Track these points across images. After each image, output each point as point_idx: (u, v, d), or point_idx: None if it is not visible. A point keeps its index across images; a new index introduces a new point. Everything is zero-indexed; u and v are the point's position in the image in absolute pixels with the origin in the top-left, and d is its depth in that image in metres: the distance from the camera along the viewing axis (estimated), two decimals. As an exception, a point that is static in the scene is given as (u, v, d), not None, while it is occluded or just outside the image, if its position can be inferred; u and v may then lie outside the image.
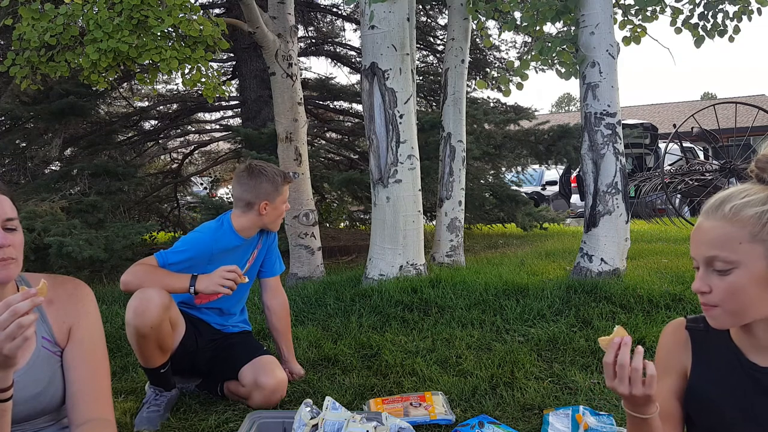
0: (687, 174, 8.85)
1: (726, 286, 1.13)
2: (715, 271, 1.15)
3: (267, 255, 2.66)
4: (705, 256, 1.15)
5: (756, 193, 1.15)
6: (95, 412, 1.42)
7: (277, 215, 2.52)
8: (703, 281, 1.16)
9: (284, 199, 2.53)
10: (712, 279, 1.15)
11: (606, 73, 3.80)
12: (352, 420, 1.80)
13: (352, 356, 2.92)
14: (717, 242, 1.14)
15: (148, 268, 2.29)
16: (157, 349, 2.26)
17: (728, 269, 1.13)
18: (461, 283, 3.81)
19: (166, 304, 2.21)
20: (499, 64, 8.65)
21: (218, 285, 2.21)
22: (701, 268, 1.17)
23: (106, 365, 1.51)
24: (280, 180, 2.48)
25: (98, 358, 1.49)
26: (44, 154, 6.61)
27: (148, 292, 2.19)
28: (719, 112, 9.41)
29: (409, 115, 4.11)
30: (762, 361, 1.21)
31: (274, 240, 2.68)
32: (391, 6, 3.98)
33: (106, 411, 1.45)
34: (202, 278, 2.23)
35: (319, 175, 6.46)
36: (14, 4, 3.97)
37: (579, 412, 2.14)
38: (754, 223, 1.12)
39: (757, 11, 4.52)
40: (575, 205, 11.73)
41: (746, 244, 1.12)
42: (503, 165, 7.70)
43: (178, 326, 2.39)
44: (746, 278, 1.12)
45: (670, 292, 3.46)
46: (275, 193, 2.47)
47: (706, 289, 1.16)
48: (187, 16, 3.97)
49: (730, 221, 1.13)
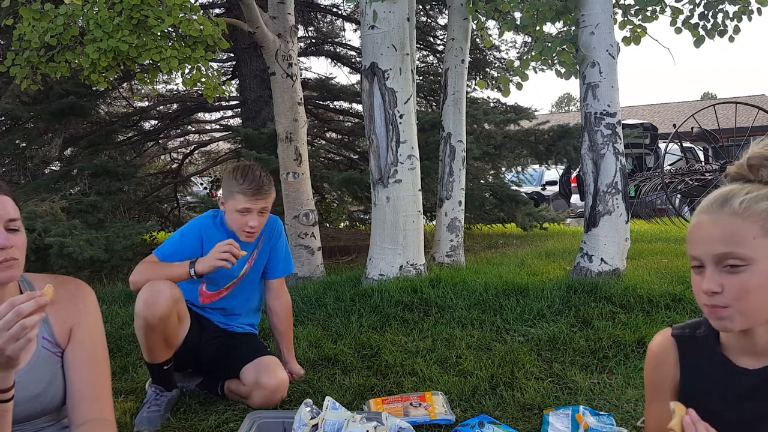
0: (687, 174, 8.86)
1: (739, 283, 1.07)
2: (726, 269, 1.08)
3: (271, 256, 2.64)
4: (715, 254, 1.08)
5: (756, 189, 1.11)
6: (95, 412, 1.43)
7: (233, 219, 2.41)
8: (714, 280, 1.08)
9: (237, 206, 2.37)
10: (723, 278, 1.08)
11: (606, 73, 3.80)
12: (352, 420, 1.80)
13: (352, 356, 2.92)
14: (729, 238, 1.07)
15: (150, 264, 2.36)
16: (162, 343, 2.28)
17: (742, 266, 1.07)
18: (461, 283, 3.81)
19: (176, 296, 2.25)
20: (499, 64, 8.66)
21: (216, 260, 2.24)
22: (709, 266, 1.10)
23: (106, 365, 1.51)
24: (236, 184, 2.37)
25: (99, 358, 1.49)
26: (44, 154, 6.61)
27: (158, 284, 2.22)
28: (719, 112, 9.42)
29: (409, 115, 4.11)
30: (752, 364, 1.17)
31: (278, 242, 2.65)
32: (391, 6, 3.98)
33: (106, 411, 1.45)
34: (200, 260, 2.28)
35: (319, 175, 6.46)
36: (15, 5, 3.97)
37: (579, 412, 2.14)
38: (766, 218, 1.07)
39: (757, 11, 4.52)
40: (575, 205, 11.74)
41: (760, 239, 1.06)
42: (503, 165, 7.70)
43: (184, 321, 2.41)
44: (762, 275, 1.06)
45: (670, 292, 3.46)
46: (229, 195, 2.41)
47: (718, 289, 1.08)
48: (187, 16, 3.98)
49: (742, 216, 1.07)
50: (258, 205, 2.39)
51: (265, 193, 2.41)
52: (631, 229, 4.27)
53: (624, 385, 2.51)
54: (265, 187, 2.41)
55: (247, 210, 2.39)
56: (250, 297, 2.66)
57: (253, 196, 2.38)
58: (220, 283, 2.55)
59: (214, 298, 2.57)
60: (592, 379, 2.58)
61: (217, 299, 2.58)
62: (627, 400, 2.36)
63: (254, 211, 2.39)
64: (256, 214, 2.40)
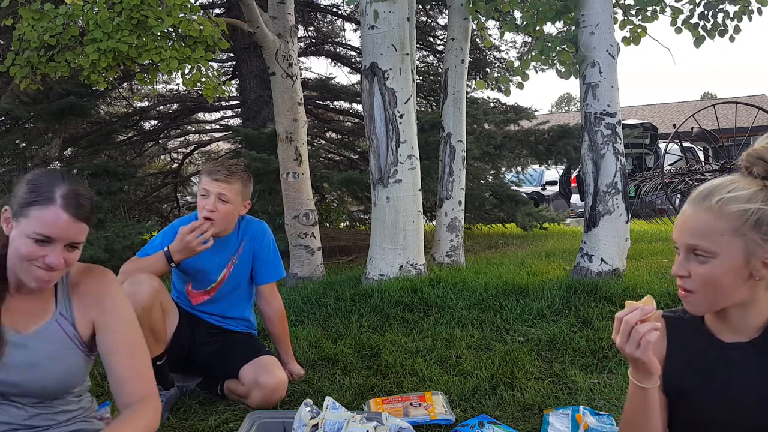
0: (687, 174, 8.86)
1: (704, 272, 1.19)
2: (695, 259, 1.20)
3: (257, 262, 2.61)
4: (687, 243, 1.21)
5: (743, 187, 1.18)
6: (139, 391, 1.50)
7: (197, 204, 2.46)
8: (683, 266, 1.22)
9: (201, 188, 2.43)
10: (691, 265, 1.21)
11: (606, 73, 3.80)
12: (352, 420, 1.80)
13: (352, 356, 2.92)
14: (700, 232, 1.19)
15: (130, 262, 2.44)
16: (150, 336, 2.26)
17: (707, 258, 1.18)
18: (461, 283, 3.81)
19: (156, 287, 2.29)
20: (499, 64, 8.66)
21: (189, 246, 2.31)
22: (682, 253, 1.22)
23: (142, 343, 1.57)
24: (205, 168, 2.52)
25: (134, 340, 1.55)
26: (44, 154, 6.61)
27: (138, 276, 2.28)
28: (719, 112, 9.42)
29: (409, 115, 4.11)
30: (732, 338, 1.26)
31: (262, 247, 2.61)
32: (391, 6, 3.98)
33: (148, 387, 1.53)
34: (173, 249, 2.35)
35: (319, 175, 6.46)
36: (14, 5, 3.97)
37: (579, 412, 2.14)
38: (737, 218, 1.16)
39: (757, 11, 4.52)
40: (575, 205, 11.73)
41: (728, 236, 1.17)
42: (503, 165, 7.71)
43: (171, 314, 2.43)
44: (723, 268, 1.18)
45: (670, 292, 3.46)
46: (198, 180, 2.51)
47: (684, 274, 1.22)
48: (187, 16, 3.97)
49: (716, 214, 1.18)
50: (216, 187, 2.39)
51: (225, 178, 2.40)
52: (631, 229, 4.27)
53: (624, 385, 2.51)
54: (228, 172, 2.42)
55: (206, 192, 2.41)
56: (239, 300, 2.65)
57: (211, 176, 2.40)
58: (202, 280, 2.56)
59: (201, 298, 2.58)
60: (592, 379, 2.58)
61: (206, 300, 2.59)
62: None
63: (212, 194, 2.39)
64: (214, 198, 2.40)
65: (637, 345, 1.18)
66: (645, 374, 1.22)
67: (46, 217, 1.36)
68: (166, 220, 7.93)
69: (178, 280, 2.63)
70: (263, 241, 2.62)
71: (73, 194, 1.39)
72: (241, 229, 2.59)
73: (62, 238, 1.38)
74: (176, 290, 2.64)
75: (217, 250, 2.46)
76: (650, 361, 1.20)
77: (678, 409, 1.30)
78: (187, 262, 2.41)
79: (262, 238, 2.62)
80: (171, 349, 2.41)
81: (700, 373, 1.28)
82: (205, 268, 2.53)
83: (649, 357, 1.19)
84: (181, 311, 2.51)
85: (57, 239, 1.38)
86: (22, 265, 1.38)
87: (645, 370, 1.21)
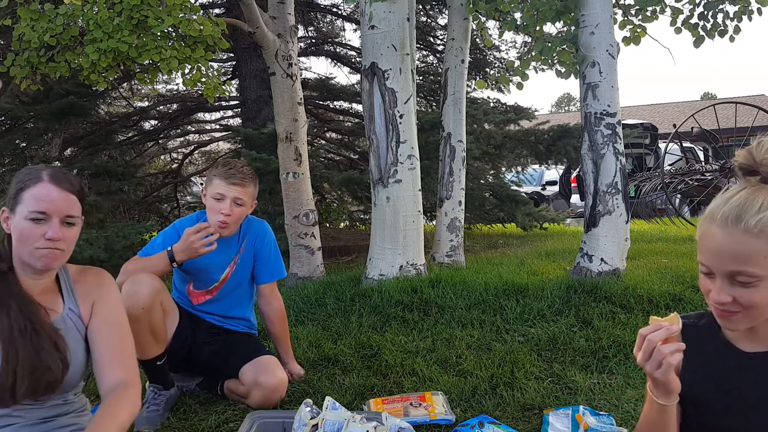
0: (687, 174, 8.85)
1: (749, 296, 1.13)
2: (738, 283, 1.14)
3: (258, 261, 2.62)
4: (728, 270, 1.14)
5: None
6: (121, 374, 1.54)
7: (209, 208, 2.44)
8: (725, 292, 1.15)
9: (213, 191, 2.41)
10: (735, 290, 1.14)
11: (606, 73, 3.80)
12: (352, 420, 1.80)
13: (352, 356, 2.92)
14: (743, 257, 1.12)
15: (131, 261, 2.43)
16: (150, 336, 2.28)
17: (753, 282, 1.12)
18: (461, 283, 3.81)
19: (156, 287, 2.28)
20: (499, 64, 8.66)
21: (193, 247, 2.31)
22: (721, 280, 1.15)
23: (129, 332, 1.63)
24: (215, 170, 2.45)
25: (121, 326, 1.62)
26: (44, 154, 6.60)
27: (138, 276, 2.28)
28: (719, 112, 9.42)
29: (409, 115, 4.11)
30: (752, 348, 1.23)
31: (264, 246, 2.61)
32: (391, 6, 3.98)
33: (131, 372, 1.57)
34: (176, 249, 2.34)
35: (319, 175, 6.46)
36: (13, 5, 3.97)
37: (579, 412, 2.14)
38: None
39: (757, 11, 4.52)
40: (575, 205, 11.73)
41: None
42: (503, 165, 7.71)
43: (171, 314, 2.43)
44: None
45: (670, 292, 3.46)
46: (208, 182, 2.47)
47: (728, 300, 1.15)
48: (187, 16, 3.98)
49: (756, 236, 1.11)
50: (232, 191, 2.39)
51: (240, 181, 2.41)
52: (631, 229, 4.27)
53: (624, 385, 2.51)
54: (242, 176, 2.42)
55: (221, 196, 2.40)
56: (240, 300, 2.65)
57: (227, 180, 2.39)
58: (204, 279, 2.56)
59: (202, 298, 2.58)
60: (592, 379, 2.58)
61: (207, 300, 2.58)
62: (627, 400, 2.36)
63: (228, 198, 2.39)
64: (230, 202, 2.40)
65: (658, 365, 1.15)
66: (664, 392, 1.19)
67: (38, 193, 1.45)
68: (166, 220, 7.93)
69: (179, 279, 2.63)
70: (264, 241, 2.62)
71: (59, 171, 1.50)
72: (243, 229, 2.58)
73: (56, 211, 1.45)
74: (177, 290, 2.64)
75: (220, 250, 2.46)
76: (671, 381, 1.17)
77: (691, 415, 1.28)
78: (190, 261, 2.40)
79: (263, 237, 2.62)
80: (171, 349, 2.41)
81: (716, 381, 1.25)
82: (208, 268, 2.53)
83: (670, 378, 1.16)
84: (181, 311, 2.51)
85: (52, 213, 1.45)
86: (26, 249, 1.44)
87: (665, 388, 1.18)
